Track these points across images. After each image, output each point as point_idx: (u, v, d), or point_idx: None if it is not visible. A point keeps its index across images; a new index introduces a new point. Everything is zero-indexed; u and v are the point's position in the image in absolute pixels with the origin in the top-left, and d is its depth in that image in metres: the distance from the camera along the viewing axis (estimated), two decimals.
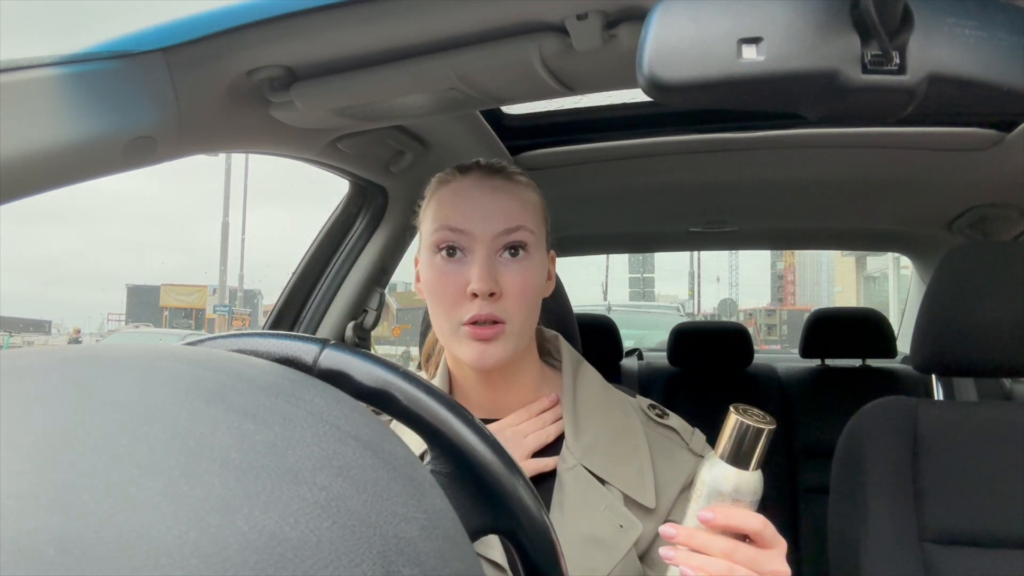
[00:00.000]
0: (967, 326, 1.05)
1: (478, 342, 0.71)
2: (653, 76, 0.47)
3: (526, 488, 0.33)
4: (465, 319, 0.71)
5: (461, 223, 0.72)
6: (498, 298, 0.71)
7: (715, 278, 39.37)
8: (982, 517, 0.99)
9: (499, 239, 0.72)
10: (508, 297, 0.71)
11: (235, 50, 0.74)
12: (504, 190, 0.74)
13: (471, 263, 0.71)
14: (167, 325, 25.85)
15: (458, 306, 0.71)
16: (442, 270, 0.72)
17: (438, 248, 0.73)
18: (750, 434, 0.55)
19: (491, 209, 0.72)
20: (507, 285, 0.71)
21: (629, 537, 0.69)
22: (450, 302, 0.72)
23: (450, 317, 0.72)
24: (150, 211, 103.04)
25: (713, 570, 0.54)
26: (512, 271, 0.72)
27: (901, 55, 0.47)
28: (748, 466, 0.56)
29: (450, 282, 0.71)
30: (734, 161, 1.44)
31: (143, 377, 0.21)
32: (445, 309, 0.72)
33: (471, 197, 0.74)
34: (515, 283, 0.71)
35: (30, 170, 0.63)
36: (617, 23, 0.70)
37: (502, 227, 0.72)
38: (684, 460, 0.75)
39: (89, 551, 0.15)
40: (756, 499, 0.57)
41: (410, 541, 0.21)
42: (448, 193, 0.75)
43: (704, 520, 0.56)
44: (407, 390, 0.33)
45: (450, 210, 0.73)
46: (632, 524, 0.69)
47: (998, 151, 1.29)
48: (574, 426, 0.75)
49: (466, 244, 0.72)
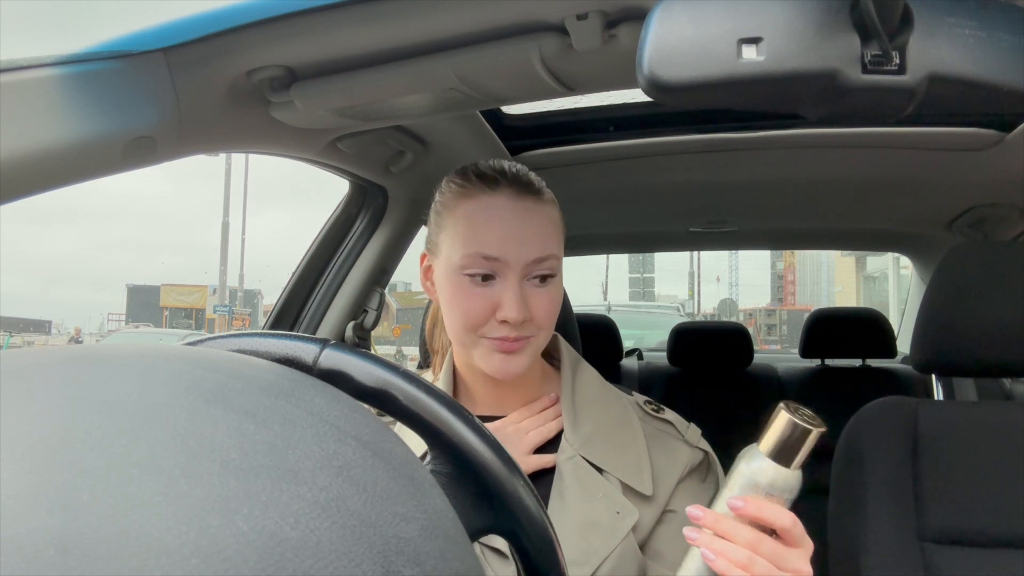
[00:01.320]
0: (967, 326, 1.05)
1: (502, 353, 0.72)
2: (653, 76, 0.47)
3: (526, 488, 0.33)
4: (490, 336, 0.71)
5: (496, 251, 0.71)
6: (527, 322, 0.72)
7: (715, 278, 39.36)
8: (982, 517, 0.99)
9: (531, 267, 0.72)
10: (536, 320, 0.72)
11: (235, 50, 0.74)
12: (536, 212, 0.74)
13: (502, 289, 0.71)
14: (167, 325, 25.84)
15: (484, 326, 0.72)
16: (470, 292, 0.72)
17: (464, 270, 0.72)
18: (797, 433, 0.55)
19: (525, 235, 0.72)
20: (535, 308, 0.72)
21: (626, 523, 0.70)
22: (478, 322, 0.72)
23: (472, 332, 0.72)
24: (157, 212, 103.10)
25: (734, 557, 0.54)
26: (540, 295, 0.73)
27: (901, 55, 0.47)
28: (790, 464, 0.55)
29: (478, 304, 0.71)
30: (734, 161, 1.44)
31: (143, 377, 0.21)
32: (468, 324, 0.72)
33: (504, 221, 0.72)
34: (543, 306, 0.72)
35: (30, 170, 0.63)
36: (617, 23, 0.70)
37: (535, 256, 0.72)
38: (680, 451, 0.76)
39: (89, 551, 0.15)
40: (791, 497, 0.57)
41: (410, 541, 0.21)
42: (478, 212, 0.73)
43: (733, 507, 0.56)
44: (407, 390, 0.33)
45: (484, 235, 0.71)
46: (628, 511, 0.71)
47: (998, 151, 1.29)
48: (573, 420, 0.76)
49: (498, 270, 0.72)
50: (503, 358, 0.72)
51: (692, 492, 0.75)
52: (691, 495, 0.75)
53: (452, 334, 0.75)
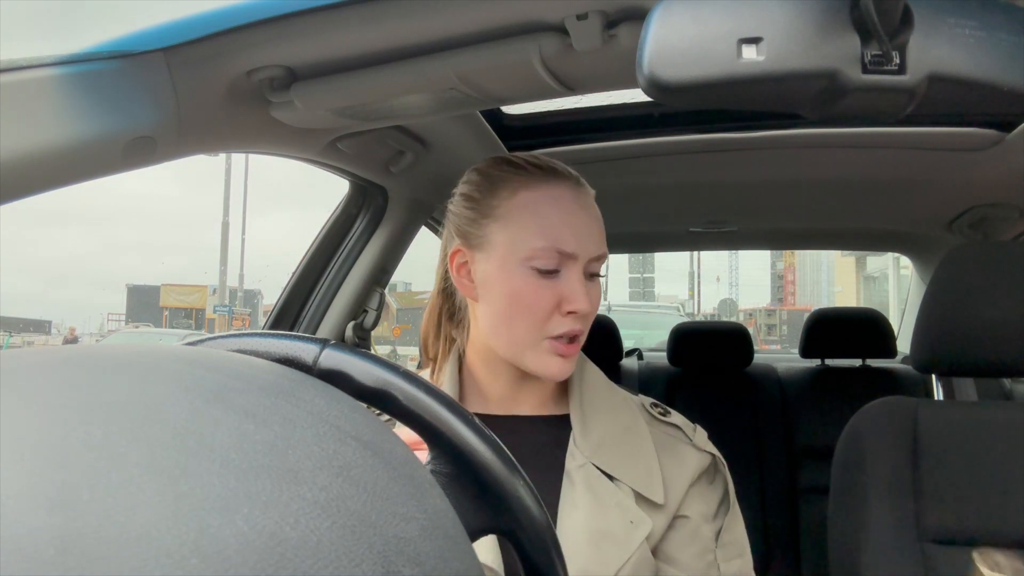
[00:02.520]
0: (967, 326, 1.05)
1: (560, 357, 0.72)
2: (653, 76, 0.47)
3: (526, 488, 0.33)
4: (554, 333, 0.72)
5: (572, 246, 0.71)
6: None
7: (715, 278, 39.38)
8: (982, 517, 0.99)
9: (592, 263, 0.73)
10: (589, 315, 0.73)
11: (235, 50, 0.74)
12: (593, 206, 0.75)
13: (567, 281, 0.71)
14: (167, 325, 25.84)
15: (548, 320, 0.72)
16: (538, 285, 0.71)
17: (530, 262, 0.71)
18: None
19: (592, 230, 0.73)
20: (592, 303, 0.73)
21: (640, 532, 0.69)
22: (543, 317, 0.72)
23: (538, 330, 0.72)
24: (157, 212, 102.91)
25: None
26: (593, 289, 0.74)
27: (901, 55, 0.47)
28: None
29: (546, 297, 0.71)
30: (734, 161, 1.44)
31: (143, 377, 0.21)
32: (535, 323, 0.72)
33: (573, 214, 0.72)
34: (594, 300, 0.73)
35: (30, 170, 0.63)
36: (617, 23, 0.70)
37: (597, 252, 0.73)
38: (690, 456, 0.76)
39: (89, 551, 0.15)
40: None
41: (410, 541, 0.21)
42: (544, 202, 0.72)
43: None
44: (407, 390, 0.33)
45: (558, 228, 0.71)
46: (642, 520, 0.70)
47: (998, 151, 1.29)
48: (582, 424, 0.75)
49: (564, 264, 0.72)
50: (561, 361, 0.72)
51: (702, 496, 0.75)
52: (701, 499, 0.75)
53: (512, 339, 0.73)
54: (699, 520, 0.73)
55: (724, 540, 0.75)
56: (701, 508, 0.74)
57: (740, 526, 0.77)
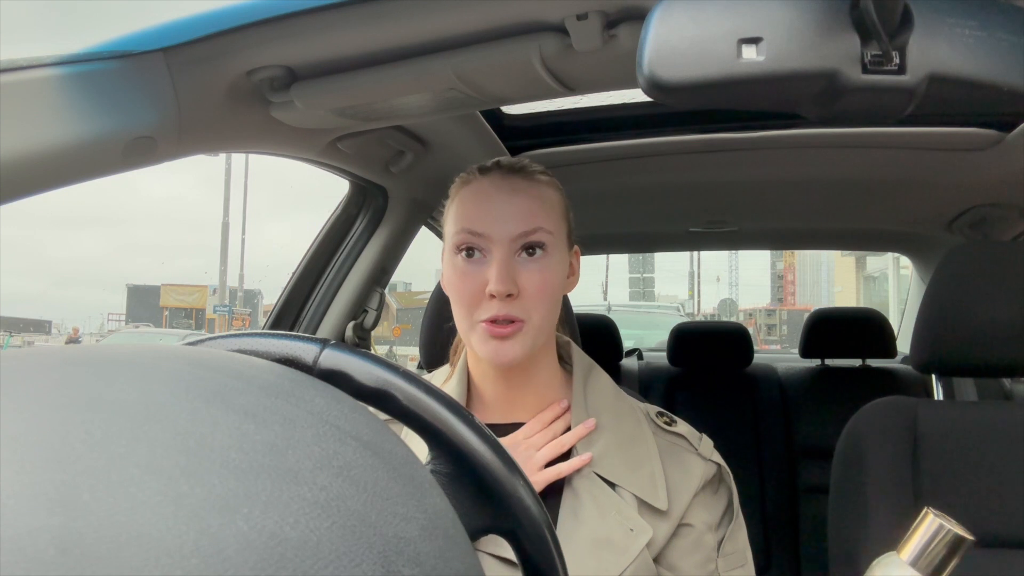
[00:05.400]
0: (967, 326, 1.05)
1: (495, 339, 0.72)
2: (653, 76, 0.47)
3: (526, 488, 0.33)
4: (483, 318, 0.72)
5: (479, 226, 0.73)
6: (516, 298, 0.72)
7: (715, 278, 39.36)
8: (982, 517, 0.99)
9: (517, 241, 0.73)
10: (526, 296, 0.72)
11: (235, 50, 0.74)
12: (523, 191, 0.75)
13: (489, 264, 0.73)
14: (167, 325, 25.81)
15: (477, 305, 0.73)
16: (462, 270, 0.74)
17: (458, 249, 0.75)
18: (949, 540, 0.50)
19: (509, 211, 0.73)
20: (525, 284, 0.72)
21: (640, 540, 0.69)
22: (470, 301, 0.73)
23: (471, 315, 0.74)
24: (157, 213, 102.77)
25: None
26: (530, 271, 0.73)
27: (901, 55, 0.47)
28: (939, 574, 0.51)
29: (469, 282, 0.73)
30: (734, 161, 1.44)
31: (143, 377, 0.21)
32: (465, 307, 0.74)
33: (489, 199, 0.75)
34: (533, 282, 0.73)
35: (30, 170, 0.63)
36: (617, 23, 0.71)
37: (519, 230, 0.73)
38: (694, 464, 0.76)
39: (89, 551, 0.15)
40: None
41: (410, 541, 0.21)
42: (469, 194, 0.76)
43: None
44: (407, 390, 0.33)
45: (471, 212, 0.75)
46: (643, 528, 0.70)
47: (998, 151, 1.29)
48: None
49: (484, 246, 0.73)
50: (496, 344, 0.72)
51: (706, 505, 0.75)
52: (705, 508, 0.74)
53: (458, 324, 0.77)
54: (703, 529, 0.73)
55: (726, 550, 0.75)
56: (705, 517, 0.74)
57: (743, 536, 0.77)
